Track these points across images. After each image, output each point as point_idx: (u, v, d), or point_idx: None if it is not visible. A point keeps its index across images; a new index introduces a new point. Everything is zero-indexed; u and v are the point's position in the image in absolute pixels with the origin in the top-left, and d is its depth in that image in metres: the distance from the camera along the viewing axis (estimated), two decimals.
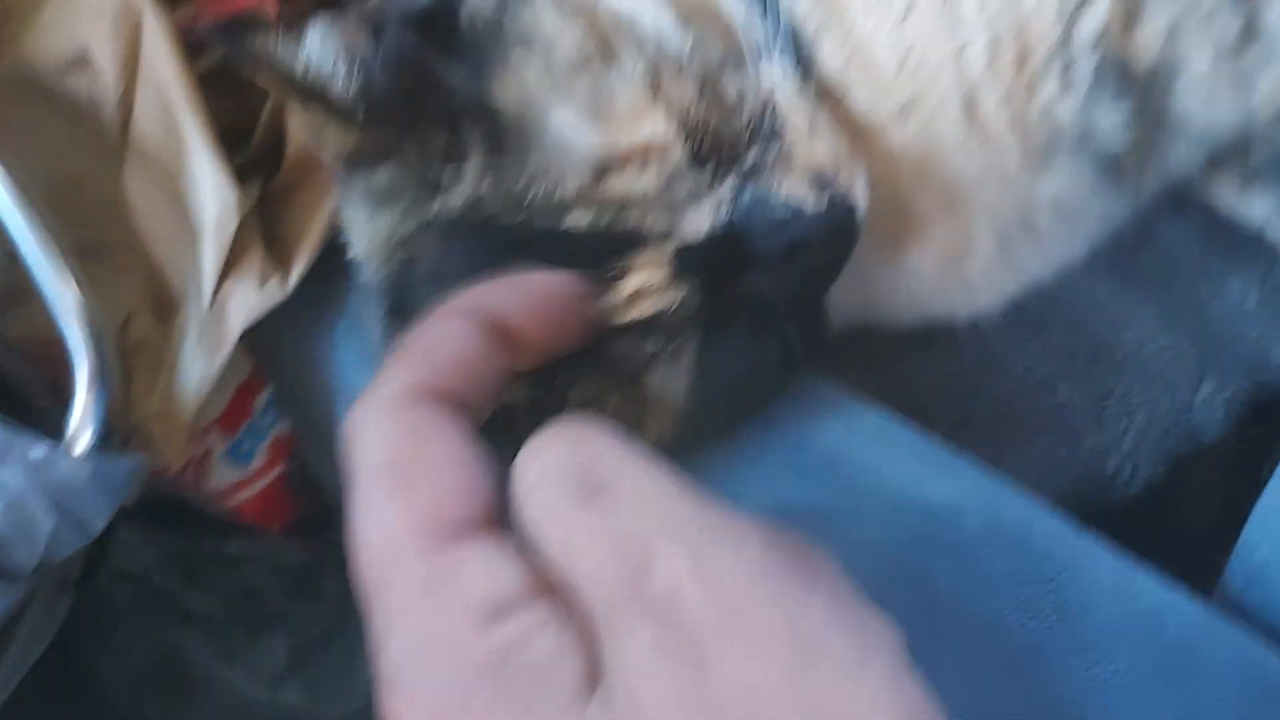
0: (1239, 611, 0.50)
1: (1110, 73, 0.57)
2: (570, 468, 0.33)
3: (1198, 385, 0.67)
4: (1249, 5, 0.58)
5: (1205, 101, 0.58)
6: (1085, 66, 0.56)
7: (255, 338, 0.78)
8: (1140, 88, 0.57)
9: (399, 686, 0.32)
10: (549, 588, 0.32)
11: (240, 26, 0.49)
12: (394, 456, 0.35)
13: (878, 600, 0.48)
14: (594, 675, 0.30)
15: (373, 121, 0.50)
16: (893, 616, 0.46)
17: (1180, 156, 0.61)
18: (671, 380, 0.52)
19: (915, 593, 0.47)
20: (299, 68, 0.49)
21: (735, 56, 0.53)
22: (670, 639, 0.29)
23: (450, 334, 0.39)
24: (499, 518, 0.34)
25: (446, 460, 0.35)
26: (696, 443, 0.54)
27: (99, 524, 0.64)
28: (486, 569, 0.33)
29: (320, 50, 0.49)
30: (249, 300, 0.72)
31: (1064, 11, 0.56)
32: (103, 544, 0.87)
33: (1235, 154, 0.62)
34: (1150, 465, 0.67)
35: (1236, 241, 0.68)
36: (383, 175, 0.52)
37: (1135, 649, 0.45)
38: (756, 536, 0.32)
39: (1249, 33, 0.58)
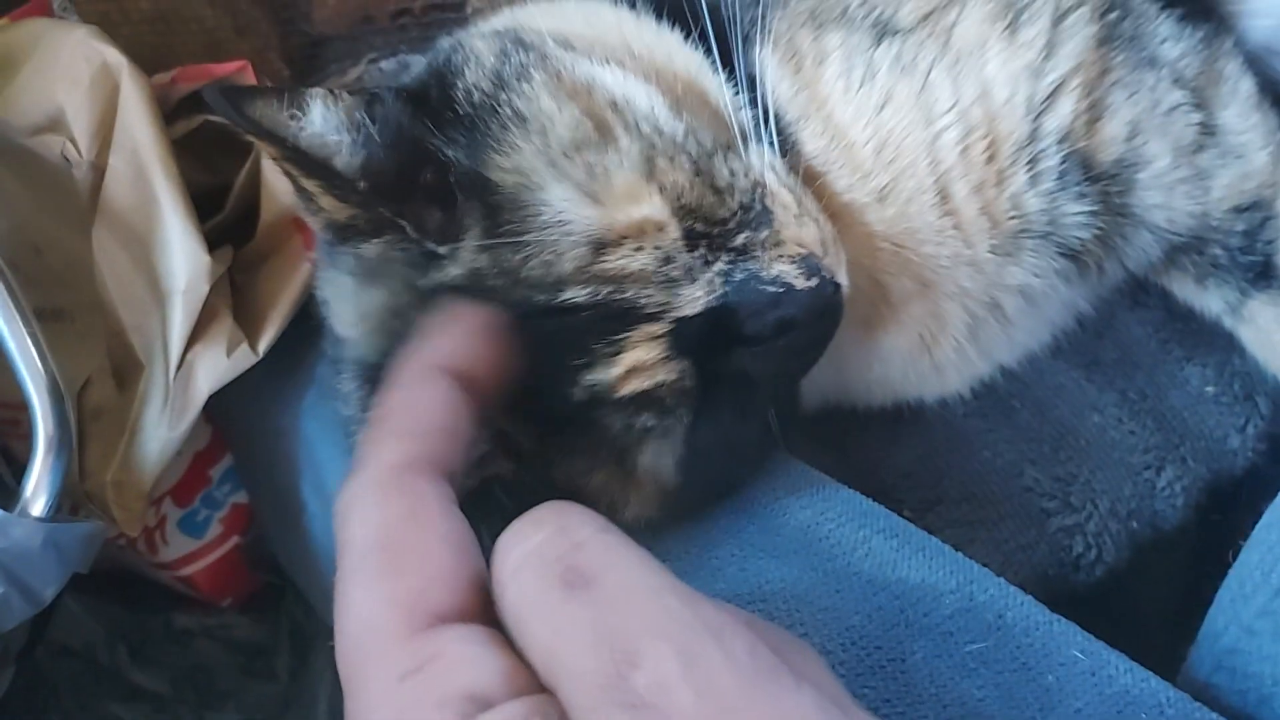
0: (1207, 696, 0.51)
1: (1075, 167, 0.59)
2: (553, 556, 0.31)
3: (1159, 472, 0.68)
4: (1206, 107, 0.61)
5: (1165, 196, 0.61)
6: (1051, 160, 0.58)
7: (217, 406, 0.77)
8: (1104, 182, 0.60)
9: None
10: (531, 683, 0.31)
11: (240, 92, 0.48)
12: (383, 539, 0.34)
13: (857, 683, 0.47)
14: None
15: (373, 196, 0.50)
16: (873, 700, 0.46)
17: (1141, 249, 0.63)
18: (661, 456, 0.52)
19: (894, 676, 0.47)
20: (303, 139, 0.49)
21: (726, 141, 0.54)
22: None
23: (425, 399, 0.38)
24: (487, 605, 0.33)
25: (436, 545, 0.34)
26: (674, 520, 0.54)
27: (49, 592, 0.62)
28: (467, 661, 0.31)
29: (324, 122, 0.49)
30: (216, 367, 0.71)
31: (1032, 108, 0.58)
32: (45, 616, 0.84)
33: (1193, 248, 0.64)
34: (1114, 550, 0.68)
35: (1195, 331, 0.70)
36: (373, 249, 0.51)
37: None
38: (744, 633, 0.30)
39: (1206, 131, 0.61)
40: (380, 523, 0.34)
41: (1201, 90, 0.61)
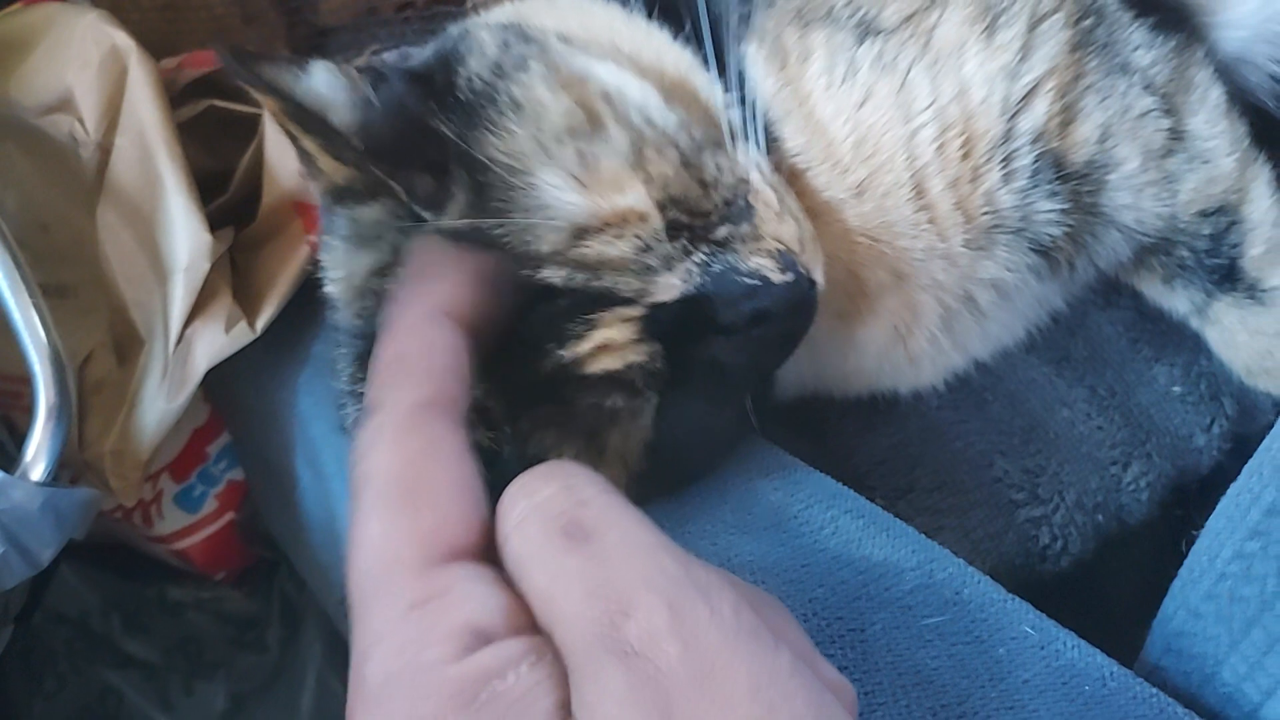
0: (1156, 679, 0.53)
1: (1048, 166, 0.61)
2: (558, 510, 0.34)
3: (1125, 467, 0.70)
4: (1176, 113, 0.63)
5: (1134, 198, 0.63)
6: (1025, 159, 0.60)
7: (215, 383, 0.79)
8: (1075, 181, 0.61)
9: (370, 707, 0.32)
10: (530, 624, 0.33)
11: (249, 53, 0.51)
12: (401, 476, 0.35)
13: (819, 650, 0.49)
14: (564, 716, 0.30)
15: (368, 156, 0.52)
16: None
17: (1111, 247, 0.65)
18: (630, 437, 0.54)
19: (853, 645, 0.48)
20: (300, 91, 0.51)
21: (715, 137, 0.56)
22: (642, 690, 0.30)
23: (436, 342, 0.39)
24: (493, 547, 0.35)
25: (451, 484, 0.35)
26: (647, 497, 0.56)
27: (47, 555, 0.64)
28: (473, 596, 0.33)
29: (324, 82, 0.51)
30: (215, 343, 0.73)
31: (1007, 108, 0.60)
32: (43, 582, 0.86)
33: (1161, 248, 0.66)
34: (1079, 542, 0.70)
35: (1164, 332, 0.72)
36: (368, 212, 0.54)
37: (1056, 704, 0.47)
38: (730, 594, 0.32)
39: (1175, 136, 0.63)
40: (399, 460, 0.36)
41: (1171, 97, 0.63)
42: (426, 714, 0.31)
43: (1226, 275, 0.65)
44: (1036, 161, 0.61)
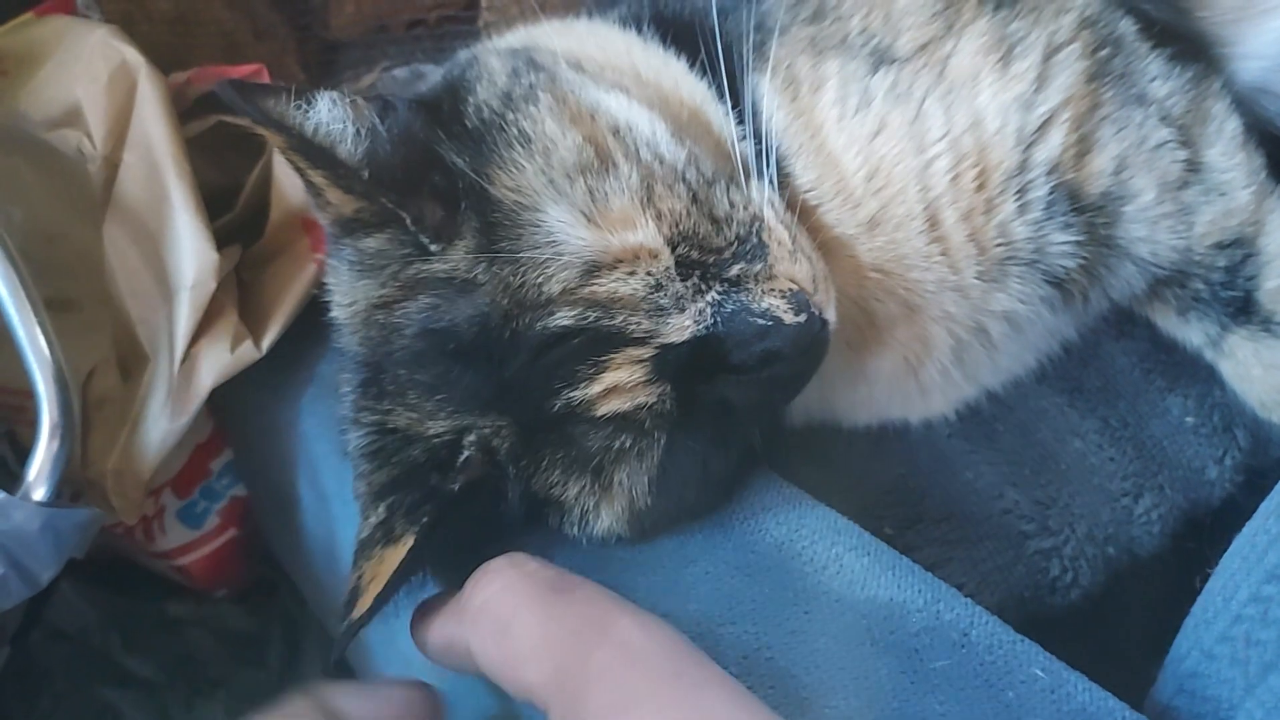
0: (1169, 718, 0.52)
1: (1063, 198, 0.60)
2: (543, 575, 0.44)
3: (1137, 499, 0.69)
4: (1192, 144, 0.63)
5: (1149, 230, 0.62)
6: (1040, 191, 0.60)
7: (219, 400, 0.79)
8: (1090, 213, 0.61)
9: None
10: None
11: (251, 88, 0.50)
12: None
13: (820, 703, 0.49)
14: None
15: (375, 187, 0.52)
16: (834, 718, 0.47)
17: (1125, 279, 0.64)
18: (636, 475, 0.53)
19: (857, 694, 0.48)
20: (309, 128, 0.51)
21: (728, 173, 0.56)
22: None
23: None
24: None
25: None
26: (647, 534, 0.56)
27: (47, 575, 0.64)
28: None
29: (330, 114, 0.51)
30: (220, 361, 0.73)
31: (1022, 139, 0.59)
32: (41, 599, 0.86)
33: (1175, 281, 0.65)
34: (1090, 574, 0.69)
35: (1177, 363, 0.71)
36: (373, 242, 0.53)
37: None
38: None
39: (1191, 168, 0.62)
40: None
41: (1188, 128, 0.63)
42: None
43: (1242, 308, 0.65)
44: (1052, 193, 0.60)
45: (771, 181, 0.55)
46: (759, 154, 0.55)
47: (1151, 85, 0.62)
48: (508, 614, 0.42)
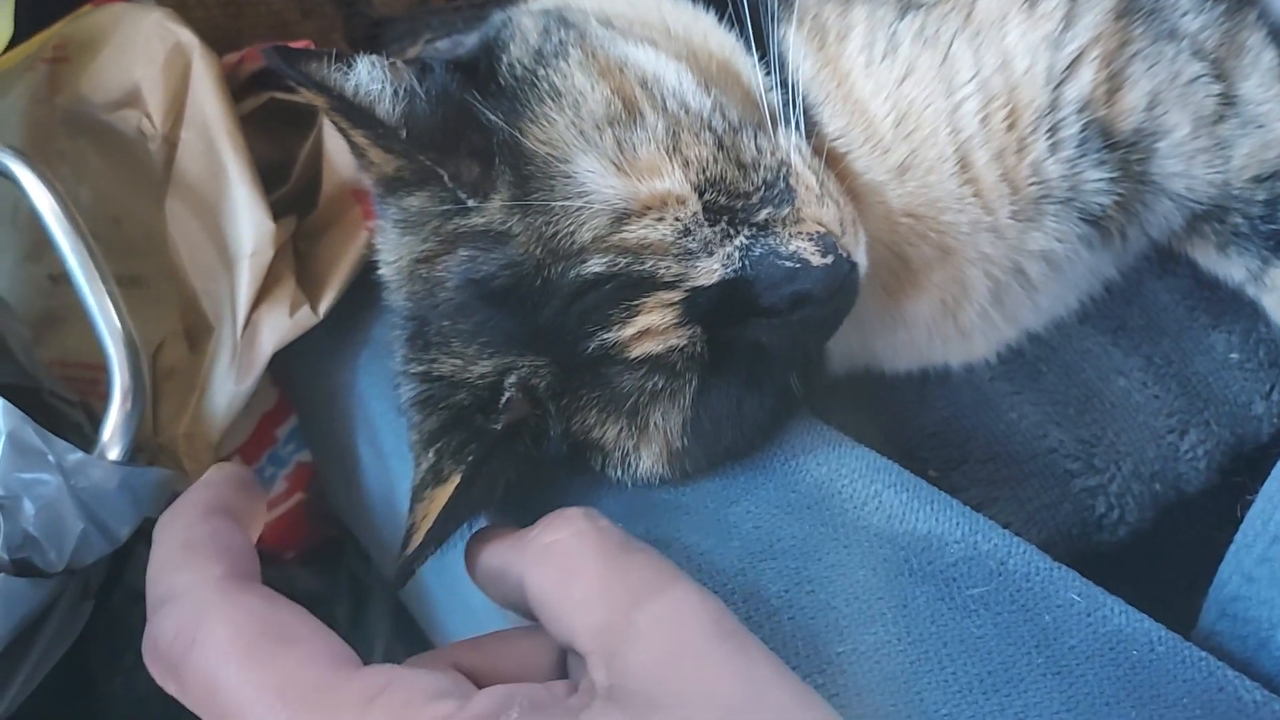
0: (1211, 644, 0.53)
1: (1095, 135, 0.60)
2: (614, 531, 0.44)
3: (1183, 435, 0.70)
4: (1227, 78, 0.62)
5: (1185, 165, 0.62)
6: (1072, 129, 0.60)
7: (281, 367, 0.82)
8: (1123, 150, 0.61)
9: None
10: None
11: (295, 53, 0.53)
12: (254, 628, 0.38)
13: (859, 631, 0.50)
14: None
15: (413, 145, 0.54)
16: (871, 644, 0.49)
17: (1162, 216, 0.64)
18: (671, 416, 0.55)
19: (895, 621, 0.49)
20: (349, 89, 0.53)
21: (755, 120, 0.57)
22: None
23: (215, 529, 0.43)
24: None
25: (298, 620, 0.39)
26: (689, 474, 0.57)
27: (124, 532, 0.67)
28: (413, 675, 0.37)
29: (369, 76, 0.53)
30: (280, 326, 0.76)
31: (1052, 78, 0.60)
32: (122, 561, 0.90)
33: (1214, 216, 0.65)
34: (1137, 511, 0.69)
35: (1221, 299, 0.71)
36: (415, 200, 0.55)
37: (1102, 669, 0.47)
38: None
39: (1227, 102, 0.62)
40: (241, 619, 0.38)
41: (1222, 62, 0.62)
42: None
43: None
44: (1084, 130, 0.60)
45: (799, 129, 0.56)
46: (786, 103, 0.56)
47: (1183, 20, 0.62)
48: (573, 559, 0.42)
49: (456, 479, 0.51)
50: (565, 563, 0.43)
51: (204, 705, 0.37)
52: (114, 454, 0.66)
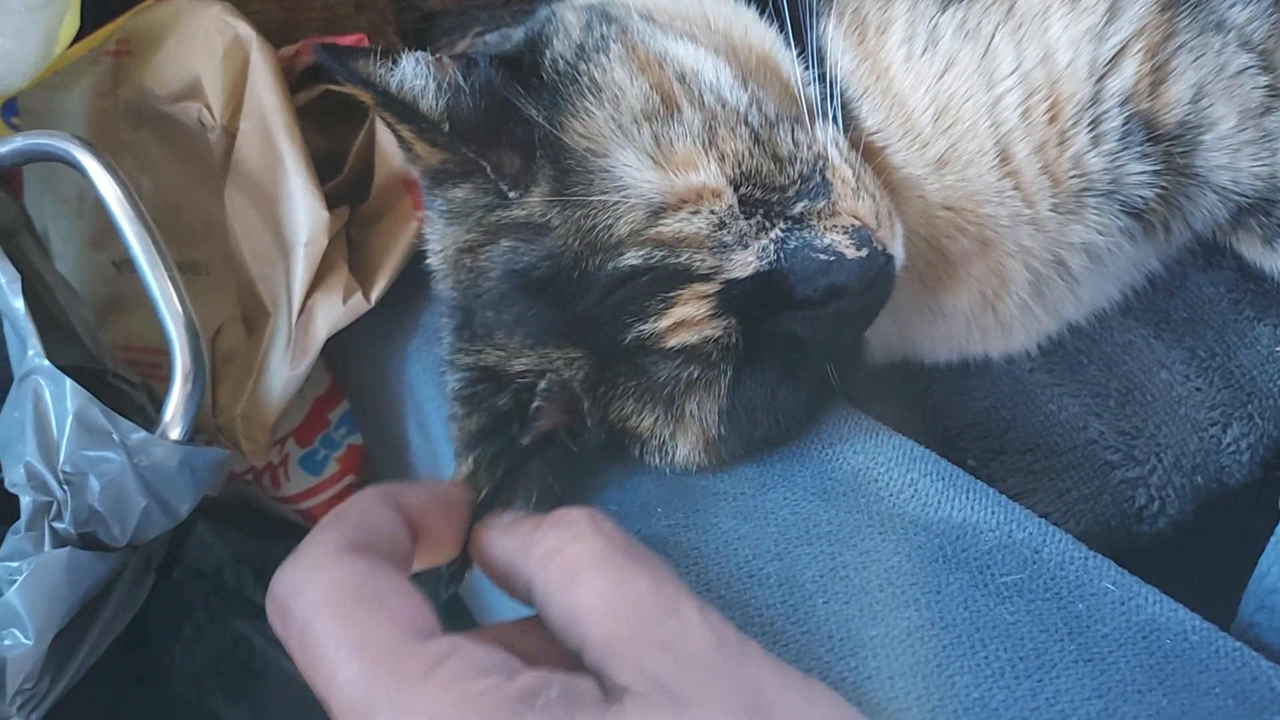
0: (1248, 636, 0.53)
1: (1138, 128, 0.60)
2: (622, 537, 0.43)
3: (1225, 429, 0.69)
4: (1276, 69, 0.62)
5: (1230, 158, 0.62)
6: (1114, 122, 0.60)
7: (334, 353, 0.84)
8: (1167, 143, 0.61)
9: None
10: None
11: (344, 50, 0.55)
12: (350, 590, 0.39)
13: (892, 617, 0.51)
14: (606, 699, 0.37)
15: (456, 139, 0.55)
16: (904, 629, 0.50)
17: (1206, 209, 0.64)
18: (705, 406, 0.56)
19: (928, 607, 0.50)
20: (394, 85, 0.55)
21: (793, 113, 0.57)
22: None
23: (370, 509, 0.43)
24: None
25: (393, 588, 0.39)
26: (725, 462, 0.59)
27: (184, 509, 0.69)
28: (478, 650, 0.37)
29: (413, 72, 0.55)
30: (333, 312, 0.78)
31: (1094, 71, 0.60)
32: (181, 538, 0.93)
33: (1260, 209, 0.65)
34: (1178, 503, 0.69)
35: (1267, 292, 0.71)
36: (459, 192, 0.57)
37: (1135, 657, 0.47)
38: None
39: (1275, 94, 0.62)
40: (338, 582, 0.39)
41: (1271, 53, 0.62)
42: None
43: None
44: (1126, 123, 0.60)
45: (836, 122, 0.57)
46: (825, 96, 0.57)
47: (1231, 11, 0.62)
48: (579, 567, 0.42)
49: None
50: (571, 571, 0.42)
51: (297, 648, 0.39)
52: (175, 434, 0.68)
